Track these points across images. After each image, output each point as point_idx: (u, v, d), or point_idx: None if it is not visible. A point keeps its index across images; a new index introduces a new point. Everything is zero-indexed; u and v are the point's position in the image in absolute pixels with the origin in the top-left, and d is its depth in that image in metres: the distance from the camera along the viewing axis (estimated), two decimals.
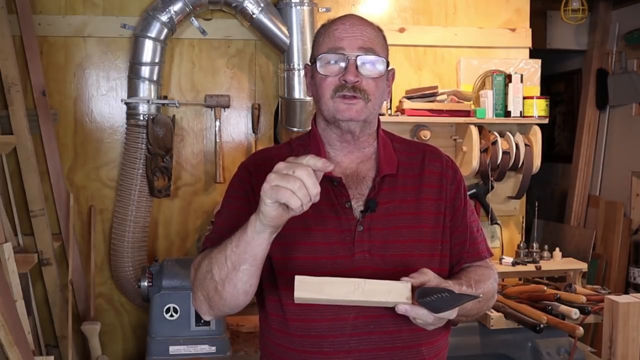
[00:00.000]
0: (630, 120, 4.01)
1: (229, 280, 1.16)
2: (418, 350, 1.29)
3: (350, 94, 1.27)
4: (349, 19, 1.33)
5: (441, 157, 1.42)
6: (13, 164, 2.88)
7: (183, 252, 3.18)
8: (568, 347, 2.61)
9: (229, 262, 1.15)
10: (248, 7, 2.94)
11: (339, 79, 1.28)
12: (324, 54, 1.30)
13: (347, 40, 1.28)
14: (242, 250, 1.13)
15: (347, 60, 1.28)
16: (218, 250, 1.19)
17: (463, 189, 1.41)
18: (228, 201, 1.37)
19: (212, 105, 3.13)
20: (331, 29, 1.32)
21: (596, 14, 4.15)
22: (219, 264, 1.17)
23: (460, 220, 1.37)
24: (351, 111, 1.28)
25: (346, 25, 1.30)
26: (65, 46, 3.06)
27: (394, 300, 1.12)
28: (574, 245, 4.01)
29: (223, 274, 1.16)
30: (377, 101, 1.31)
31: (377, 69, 1.29)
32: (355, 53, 1.28)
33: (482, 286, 1.32)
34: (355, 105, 1.28)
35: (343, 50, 1.28)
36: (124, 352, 3.18)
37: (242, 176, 1.37)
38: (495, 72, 3.17)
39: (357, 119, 1.29)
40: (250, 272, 1.16)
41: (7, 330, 1.96)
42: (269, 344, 1.35)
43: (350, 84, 1.27)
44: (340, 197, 1.30)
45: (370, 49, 1.29)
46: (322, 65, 1.30)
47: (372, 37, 1.31)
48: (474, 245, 1.40)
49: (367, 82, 1.28)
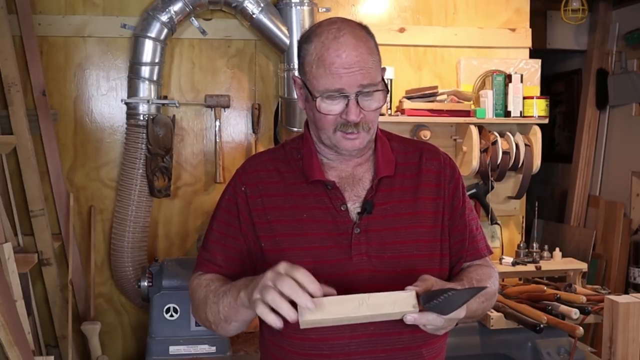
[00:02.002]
0: (630, 120, 4.01)
1: (222, 327, 1.27)
2: (418, 352, 1.28)
3: (355, 131, 1.26)
4: (343, 47, 1.22)
5: (439, 156, 1.41)
6: (13, 164, 2.88)
7: (183, 252, 3.18)
8: (568, 347, 2.61)
9: (221, 315, 1.24)
10: (248, 7, 2.94)
11: (341, 116, 1.25)
12: (322, 96, 1.24)
13: (346, 78, 1.22)
14: (234, 313, 1.21)
15: (348, 99, 1.23)
16: (214, 296, 1.26)
17: (461, 187, 1.40)
18: (218, 214, 1.39)
19: (212, 105, 3.13)
20: (327, 61, 1.22)
21: (596, 14, 4.15)
22: (213, 312, 1.26)
23: (459, 219, 1.37)
24: (354, 144, 1.28)
25: (342, 59, 1.22)
26: (65, 46, 3.06)
27: (401, 310, 1.10)
28: (574, 245, 4.01)
29: (217, 320, 1.26)
30: (376, 123, 1.30)
31: (378, 102, 1.26)
32: (356, 90, 1.23)
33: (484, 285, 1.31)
34: (358, 139, 1.27)
35: (342, 89, 1.23)
36: (124, 352, 3.18)
37: (233, 190, 1.37)
38: (495, 72, 3.16)
39: (360, 147, 1.29)
40: (242, 326, 1.27)
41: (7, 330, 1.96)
42: (269, 345, 1.35)
43: (352, 123, 1.25)
44: (335, 201, 1.30)
45: (369, 84, 1.23)
46: (322, 104, 1.25)
47: (370, 66, 1.24)
48: (473, 243, 1.39)
49: (368, 115, 1.26)
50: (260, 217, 1.31)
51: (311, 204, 1.30)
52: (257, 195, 1.33)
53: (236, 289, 1.19)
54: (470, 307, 1.21)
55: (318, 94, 1.25)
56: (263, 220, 1.31)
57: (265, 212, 1.31)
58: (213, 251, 1.36)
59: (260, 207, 1.32)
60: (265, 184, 1.34)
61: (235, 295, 1.18)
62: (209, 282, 1.31)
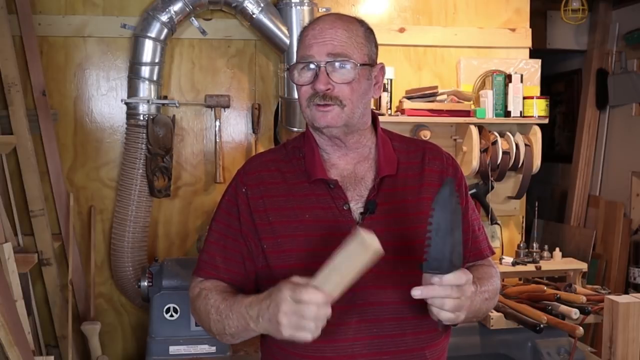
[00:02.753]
0: (630, 120, 4.01)
1: (227, 339, 1.29)
2: (421, 353, 1.27)
3: (322, 102, 1.26)
4: (320, 22, 1.29)
5: (441, 155, 1.40)
6: (13, 164, 2.88)
7: (183, 252, 3.18)
8: (568, 347, 2.61)
9: (227, 332, 1.25)
10: (248, 7, 2.94)
11: (311, 87, 1.26)
12: (295, 63, 1.29)
13: (315, 47, 1.25)
14: (244, 333, 1.23)
15: (317, 67, 1.25)
16: (216, 313, 1.26)
17: (464, 187, 1.39)
18: (219, 215, 1.39)
19: (212, 105, 3.13)
20: (303, 35, 1.30)
21: (596, 14, 4.15)
22: (218, 328, 1.27)
23: (462, 219, 1.36)
24: (326, 118, 1.27)
25: (315, 31, 1.27)
26: (65, 46, 3.06)
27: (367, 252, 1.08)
28: (574, 245, 4.01)
29: (222, 334, 1.28)
30: (356, 104, 1.28)
31: (349, 74, 1.26)
32: (324, 59, 1.25)
33: (485, 283, 1.31)
34: (330, 113, 1.26)
35: (312, 57, 1.25)
36: (124, 352, 3.18)
37: (234, 191, 1.37)
38: (495, 72, 3.17)
39: (334, 125, 1.28)
40: (246, 340, 1.28)
41: (7, 330, 1.96)
42: (270, 347, 1.35)
43: (321, 93, 1.25)
44: (337, 200, 1.29)
45: (339, 54, 1.25)
46: (295, 74, 1.29)
47: (344, 40, 1.26)
48: (475, 244, 1.39)
49: (341, 88, 1.26)
50: (261, 218, 1.31)
51: (313, 203, 1.30)
52: (258, 196, 1.32)
53: (242, 318, 1.20)
54: (474, 306, 1.21)
55: (292, 65, 1.30)
56: (265, 222, 1.30)
57: (267, 213, 1.31)
58: (212, 253, 1.36)
59: (262, 208, 1.31)
60: (266, 184, 1.34)
61: (243, 323, 1.20)
62: (207, 294, 1.31)
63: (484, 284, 1.29)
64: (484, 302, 1.28)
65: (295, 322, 1.08)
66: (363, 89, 1.29)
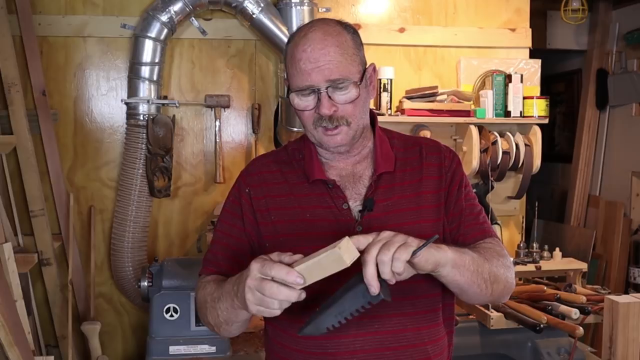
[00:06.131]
0: (630, 120, 4.01)
1: (224, 329, 1.28)
2: (423, 348, 1.28)
3: (332, 126, 1.26)
4: (309, 42, 1.24)
5: (439, 149, 1.39)
6: (13, 164, 2.88)
7: (183, 252, 3.17)
8: (568, 347, 2.61)
9: (221, 318, 1.25)
10: (248, 7, 2.94)
11: (315, 111, 1.27)
12: (295, 92, 1.27)
13: (314, 74, 1.23)
14: (234, 316, 1.22)
15: (318, 93, 1.24)
16: (211, 300, 1.27)
17: (460, 175, 1.37)
18: (224, 215, 1.41)
19: (212, 105, 3.13)
20: (295, 58, 1.25)
21: (596, 14, 4.15)
22: (213, 316, 1.27)
23: (455, 203, 1.33)
24: (336, 140, 1.28)
25: (307, 53, 1.24)
26: (65, 46, 3.06)
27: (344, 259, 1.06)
28: (574, 245, 4.01)
29: (218, 323, 1.27)
30: (359, 117, 1.29)
31: (350, 93, 1.25)
32: (325, 85, 1.24)
33: (480, 251, 1.25)
34: (339, 135, 1.28)
35: (311, 85, 1.24)
36: (124, 352, 3.18)
37: (237, 192, 1.39)
38: (495, 72, 3.16)
39: (343, 143, 1.29)
40: (243, 326, 1.28)
41: (7, 330, 1.96)
42: (274, 344, 1.36)
43: (326, 117, 1.26)
44: (336, 199, 1.30)
45: (337, 79, 1.24)
46: (296, 100, 1.28)
47: (339, 59, 1.24)
48: (475, 224, 1.34)
49: (344, 108, 1.26)
50: (264, 218, 1.33)
51: (313, 203, 1.31)
52: (260, 196, 1.35)
53: (229, 295, 1.19)
54: (464, 261, 1.15)
55: (292, 91, 1.28)
56: (267, 221, 1.33)
57: (269, 213, 1.33)
58: (215, 250, 1.39)
59: (264, 207, 1.34)
60: (268, 185, 1.36)
61: (230, 301, 1.19)
62: (205, 285, 1.32)
63: (477, 251, 1.24)
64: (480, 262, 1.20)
65: (259, 298, 1.07)
66: (363, 100, 1.30)
